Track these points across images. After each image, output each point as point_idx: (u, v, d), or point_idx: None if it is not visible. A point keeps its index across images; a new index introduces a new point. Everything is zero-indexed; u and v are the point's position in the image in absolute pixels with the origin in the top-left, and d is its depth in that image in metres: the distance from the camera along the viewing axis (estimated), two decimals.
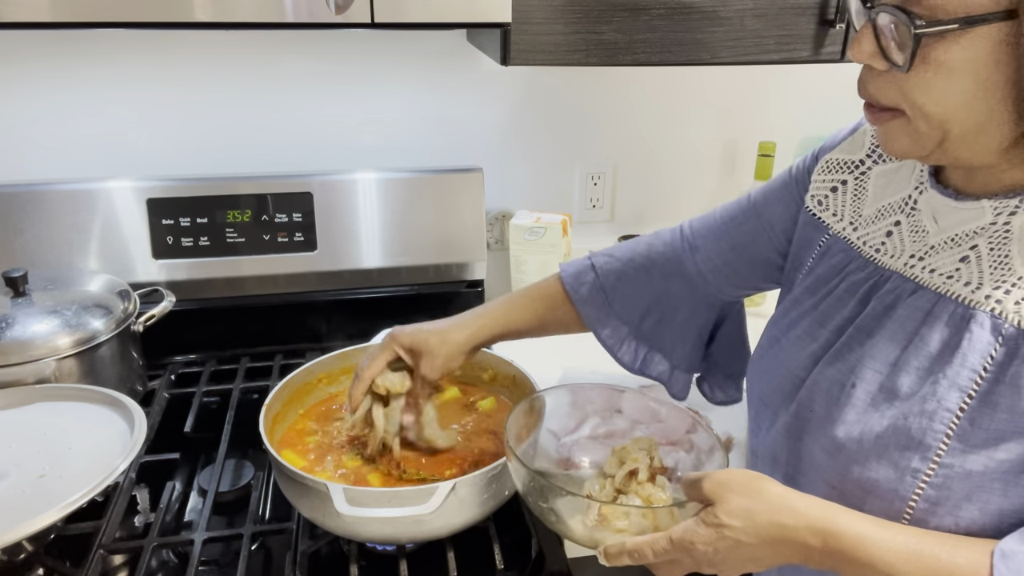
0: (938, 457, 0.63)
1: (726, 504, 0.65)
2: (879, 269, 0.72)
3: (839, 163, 0.80)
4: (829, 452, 0.70)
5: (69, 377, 1.09)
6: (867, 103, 0.66)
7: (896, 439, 0.65)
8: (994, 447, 0.61)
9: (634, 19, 1.09)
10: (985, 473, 0.61)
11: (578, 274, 0.99)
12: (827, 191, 0.80)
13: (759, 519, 0.64)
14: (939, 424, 0.63)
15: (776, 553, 0.65)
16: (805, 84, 1.59)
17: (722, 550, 0.65)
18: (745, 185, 1.59)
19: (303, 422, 1.06)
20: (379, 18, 0.95)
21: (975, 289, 0.64)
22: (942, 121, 0.60)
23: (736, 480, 0.67)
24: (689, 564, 0.68)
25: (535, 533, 0.96)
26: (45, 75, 1.30)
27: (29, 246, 1.27)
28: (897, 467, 0.65)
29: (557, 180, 1.57)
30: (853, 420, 0.68)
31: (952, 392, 0.63)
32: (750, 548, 0.65)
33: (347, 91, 1.41)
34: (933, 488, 0.63)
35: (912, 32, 0.57)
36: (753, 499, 0.65)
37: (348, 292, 1.43)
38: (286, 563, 0.92)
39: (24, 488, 0.88)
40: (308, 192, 1.34)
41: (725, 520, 0.65)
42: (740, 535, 0.64)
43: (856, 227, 0.76)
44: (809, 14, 1.14)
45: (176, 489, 1.07)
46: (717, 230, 0.93)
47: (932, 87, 0.59)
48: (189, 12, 0.91)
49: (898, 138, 0.64)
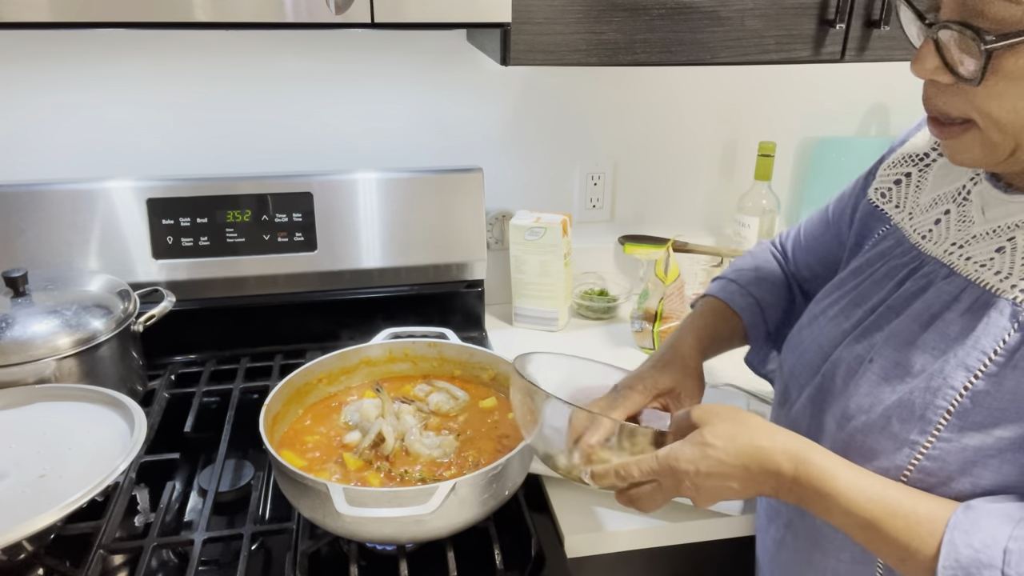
0: (937, 431, 0.65)
1: (712, 427, 0.70)
2: (920, 255, 0.74)
3: (904, 158, 0.82)
4: (838, 421, 0.72)
5: (69, 377, 1.09)
6: (932, 117, 0.66)
7: (899, 412, 0.67)
8: (992, 426, 0.63)
9: (634, 19, 1.09)
10: (980, 449, 0.63)
11: (724, 288, 0.99)
12: (891, 183, 0.82)
13: (740, 440, 0.69)
14: (941, 400, 0.65)
15: (751, 477, 0.69)
16: (805, 84, 1.59)
17: (703, 470, 0.69)
18: (745, 185, 1.59)
19: (303, 422, 1.06)
20: (379, 18, 0.95)
21: (1004, 278, 0.66)
22: (1016, 129, 0.60)
23: (724, 409, 0.72)
24: (670, 487, 0.72)
25: (535, 533, 0.96)
26: (45, 75, 1.30)
27: (29, 246, 1.27)
28: (896, 438, 0.67)
29: (557, 180, 1.57)
30: (865, 393, 0.71)
31: (959, 371, 0.65)
32: (728, 469, 0.69)
33: (347, 91, 1.41)
34: (929, 460, 0.65)
35: (982, 48, 0.57)
36: (738, 425, 0.70)
37: (348, 292, 1.43)
38: (286, 563, 0.92)
39: (24, 488, 0.88)
40: (308, 192, 1.34)
41: (710, 439, 0.69)
42: (721, 454, 0.69)
43: (912, 215, 0.78)
44: (809, 14, 1.14)
45: (176, 489, 1.07)
46: (804, 244, 0.99)
47: (1005, 97, 0.59)
48: (189, 12, 0.91)
49: (970, 149, 0.64)
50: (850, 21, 1.15)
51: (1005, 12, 0.56)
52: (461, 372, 1.17)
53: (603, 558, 1.02)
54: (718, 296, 0.99)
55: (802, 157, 1.66)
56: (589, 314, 1.55)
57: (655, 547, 1.02)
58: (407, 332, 1.21)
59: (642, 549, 1.02)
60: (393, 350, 1.18)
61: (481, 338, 1.48)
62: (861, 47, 1.17)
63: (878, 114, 1.66)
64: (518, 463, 0.93)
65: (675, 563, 1.08)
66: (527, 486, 0.99)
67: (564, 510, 1.02)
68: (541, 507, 1.03)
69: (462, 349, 1.16)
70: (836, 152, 1.62)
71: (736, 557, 1.05)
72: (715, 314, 0.97)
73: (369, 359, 1.17)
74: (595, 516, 1.01)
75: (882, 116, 1.66)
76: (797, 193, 1.69)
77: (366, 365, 1.17)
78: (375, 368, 1.17)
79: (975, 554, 0.59)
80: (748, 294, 0.98)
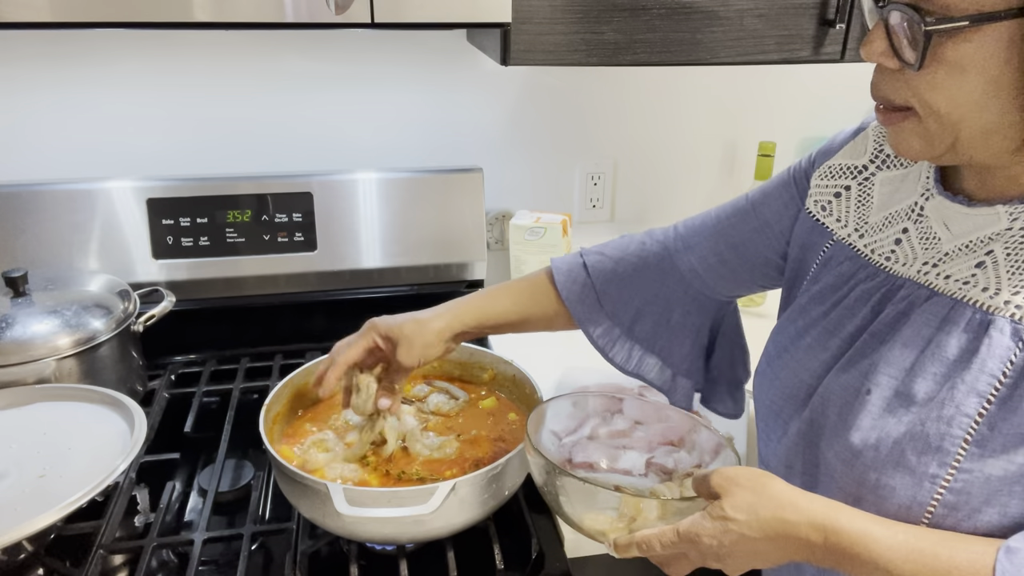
0: (956, 463, 0.63)
1: (732, 498, 0.66)
2: (891, 277, 0.72)
3: (841, 168, 0.80)
4: (845, 459, 0.69)
5: (69, 377, 1.09)
6: (878, 104, 0.66)
7: (913, 444, 0.65)
8: (1014, 451, 0.61)
9: (634, 19, 1.09)
10: (1005, 478, 0.61)
11: (569, 271, 0.97)
12: (830, 196, 0.80)
13: (763, 513, 0.65)
14: (957, 429, 0.63)
15: (779, 549, 0.65)
16: (805, 84, 1.59)
17: (727, 544, 0.66)
18: (745, 185, 1.59)
19: (303, 422, 1.06)
20: (379, 18, 0.95)
21: (993, 295, 0.64)
22: (953, 121, 0.60)
23: (743, 476, 0.68)
24: (696, 558, 0.69)
25: (535, 533, 0.96)
26: (45, 75, 1.30)
27: (29, 246, 1.27)
28: (915, 473, 0.64)
29: (557, 180, 1.57)
30: (869, 426, 0.67)
31: (971, 397, 0.62)
32: (753, 542, 0.65)
33: (347, 91, 1.41)
34: (952, 494, 0.63)
35: (923, 30, 0.57)
36: (758, 494, 0.66)
37: (348, 292, 1.43)
38: (286, 563, 0.92)
39: (24, 488, 0.88)
40: (308, 192, 1.34)
41: (730, 513, 0.66)
42: (744, 529, 0.65)
43: (863, 234, 0.76)
44: (809, 14, 1.14)
45: (176, 489, 1.07)
46: (713, 229, 0.93)
47: (943, 86, 0.59)
48: (189, 12, 0.91)
49: (909, 139, 0.64)
50: (850, 21, 1.15)
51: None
52: (461, 372, 1.17)
53: (603, 558, 1.01)
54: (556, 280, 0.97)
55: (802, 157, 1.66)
56: None
57: None
58: None
59: None
60: None
61: (481, 338, 1.48)
62: None
63: None
64: (518, 463, 0.93)
65: None
66: (527, 486, 0.99)
67: None
68: (541, 507, 1.03)
69: (462, 349, 1.16)
70: None
71: None
72: (529, 296, 0.98)
73: None
74: None
75: None
76: None
77: None
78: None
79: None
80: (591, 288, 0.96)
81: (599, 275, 0.97)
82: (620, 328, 0.97)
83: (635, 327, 0.97)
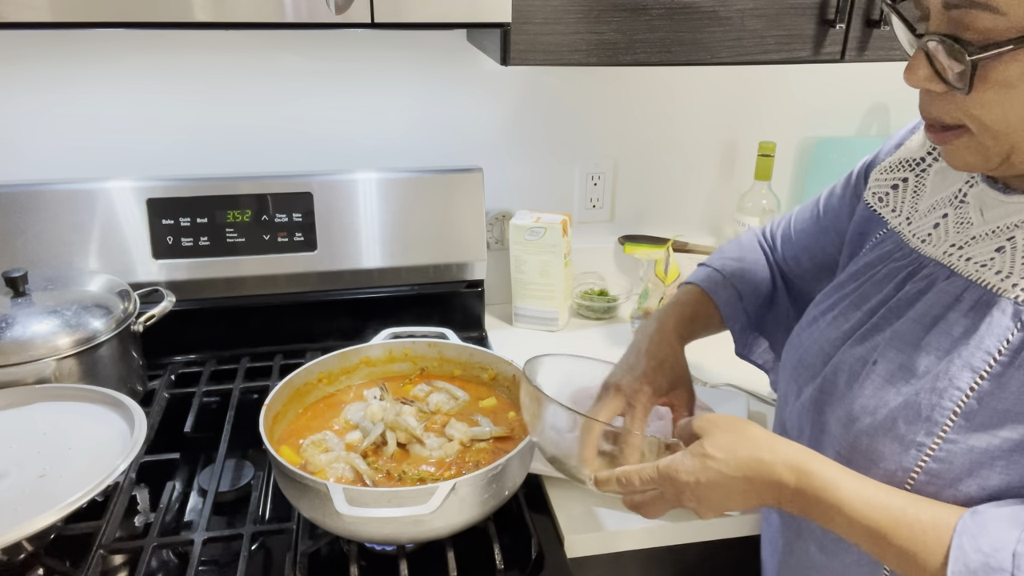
0: (943, 433, 0.65)
1: (712, 438, 0.70)
2: (919, 257, 0.74)
3: (901, 163, 0.82)
4: (844, 423, 0.72)
5: (69, 377, 1.09)
6: (928, 124, 0.67)
7: (905, 414, 0.67)
8: (999, 427, 0.63)
9: (634, 19, 1.09)
10: (987, 451, 0.63)
11: (708, 277, 1.00)
12: (888, 188, 0.82)
13: (740, 453, 0.68)
14: (948, 401, 0.65)
15: (753, 489, 0.68)
16: (805, 84, 1.59)
17: (704, 481, 0.69)
18: (745, 185, 1.59)
19: (303, 422, 1.06)
20: (379, 18, 0.95)
21: (1005, 277, 0.66)
22: (1008, 135, 0.61)
23: (724, 420, 0.72)
24: (672, 497, 0.72)
25: (535, 533, 0.96)
26: (45, 75, 1.30)
27: (29, 246, 1.27)
28: (903, 440, 0.67)
29: (557, 180, 1.57)
30: (870, 395, 0.70)
31: (964, 372, 0.65)
32: (730, 481, 0.69)
33: (347, 91, 1.41)
34: (935, 462, 0.65)
35: (968, 59, 0.58)
36: (738, 436, 0.70)
37: (348, 292, 1.43)
38: (286, 563, 0.92)
39: (24, 488, 0.88)
40: (308, 192, 1.34)
41: (710, 451, 0.69)
42: (722, 466, 0.69)
43: (911, 221, 0.78)
44: (809, 14, 1.14)
45: (176, 489, 1.07)
46: (792, 237, 1.00)
47: (994, 105, 0.60)
48: (189, 12, 0.91)
49: (964, 155, 0.65)
50: (850, 21, 1.15)
51: (989, 23, 0.57)
52: (461, 372, 1.17)
53: (603, 558, 1.02)
54: (700, 285, 0.99)
55: (802, 157, 1.66)
56: (589, 314, 1.55)
57: (655, 547, 1.02)
58: (407, 332, 1.21)
59: (642, 549, 1.02)
60: (393, 350, 1.18)
61: (481, 338, 1.48)
62: (861, 47, 1.17)
63: (878, 114, 1.66)
64: (518, 463, 0.93)
65: (675, 563, 1.08)
66: (527, 486, 0.99)
67: (564, 510, 1.02)
68: (541, 507, 1.03)
69: (462, 349, 1.16)
70: (836, 152, 1.62)
71: (736, 557, 1.05)
72: (695, 304, 0.98)
73: (369, 359, 1.17)
74: (595, 516, 1.01)
75: (882, 116, 1.66)
76: (797, 193, 1.69)
77: (366, 365, 1.17)
78: (375, 368, 1.17)
79: (984, 558, 0.59)
80: (730, 285, 0.98)
81: (734, 275, 1.00)
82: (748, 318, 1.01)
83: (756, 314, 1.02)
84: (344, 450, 0.98)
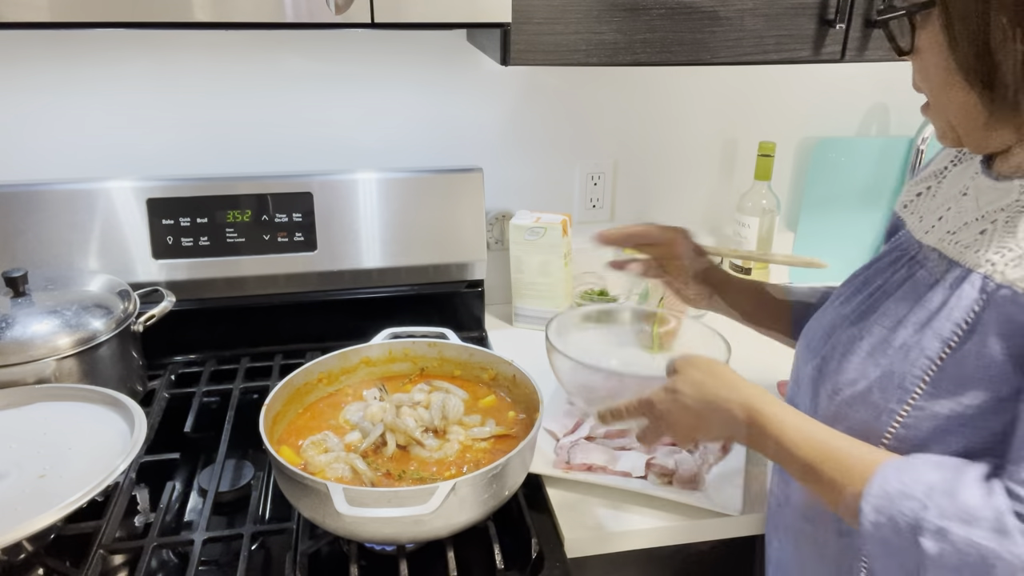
0: (912, 400, 0.69)
1: (684, 375, 0.80)
2: (919, 245, 0.78)
3: (928, 175, 0.85)
4: (829, 395, 0.77)
5: (69, 377, 1.09)
6: None
7: (881, 383, 0.71)
8: (960, 394, 0.66)
9: (634, 19, 1.09)
10: (951, 416, 0.67)
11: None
12: (913, 196, 0.85)
13: (704, 388, 0.78)
14: (918, 370, 0.69)
15: (716, 421, 0.77)
16: (805, 84, 1.59)
17: (674, 411, 0.79)
18: (745, 185, 1.59)
19: (303, 422, 1.06)
20: (379, 18, 0.95)
21: (980, 253, 0.68)
22: (937, 104, 0.68)
23: (700, 360, 0.81)
24: (654, 427, 0.83)
25: (535, 533, 0.96)
26: (45, 75, 1.30)
27: (29, 246, 1.27)
28: (876, 408, 0.71)
29: (557, 180, 1.57)
30: (853, 368, 0.75)
31: (934, 342, 0.68)
32: (695, 412, 0.78)
33: (347, 91, 1.41)
34: (904, 428, 0.69)
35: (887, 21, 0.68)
36: (707, 375, 0.79)
37: (348, 292, 1.43)
38: (286, 563, 0.92)
39: (24, 488, 0.88)
40: (308, 192, 1.34)
41: (679, 386, 0.79)
42: (688, 400, 0.78)
43: (923, 219, 0.81)
44: (809, 14, 1.14)
45: (176, 489, 1.07)
46: None
47: (918, 71, 0.69)
48: (189, 12, 0.91)
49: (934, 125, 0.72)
50: (850, 21, 1.15)
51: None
52: (461, 372, 1.17)
53: (603, 558, 1.02)
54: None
55: (802, 157, 1.66)
56: None
57: (655, 547, 1.02)
58: (407, 332, 1.21)
59: (642, 549, 1.02)
60: (393, 350, 1.18)
61: (481, 338, 1.48)
62: (861, 47, 1.17)
63: (878, 114, 1.66)
64: (518, 463, 0.93)
65: (675, 563, 1.08)
66: (527, 486, 0.99)
67: (564, 510, 1.02)
68: (541, 507, 1.03)
69: (462, 349, 1.16)
70: (836, 152, 1.62)
71: (736, 557, 1.05)
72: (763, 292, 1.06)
73: (369, 359, 1.17)
74: (595, 516, 1.01)
75: (882, 116, 1.66)
76: (797, 193, 1.69)
77: (366, 365, 1.17)
78: (375, 368, 1.17)
79: (902, 487, 0.63)
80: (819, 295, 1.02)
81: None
82: None
83: None
84: (344, 450, 0.98)
